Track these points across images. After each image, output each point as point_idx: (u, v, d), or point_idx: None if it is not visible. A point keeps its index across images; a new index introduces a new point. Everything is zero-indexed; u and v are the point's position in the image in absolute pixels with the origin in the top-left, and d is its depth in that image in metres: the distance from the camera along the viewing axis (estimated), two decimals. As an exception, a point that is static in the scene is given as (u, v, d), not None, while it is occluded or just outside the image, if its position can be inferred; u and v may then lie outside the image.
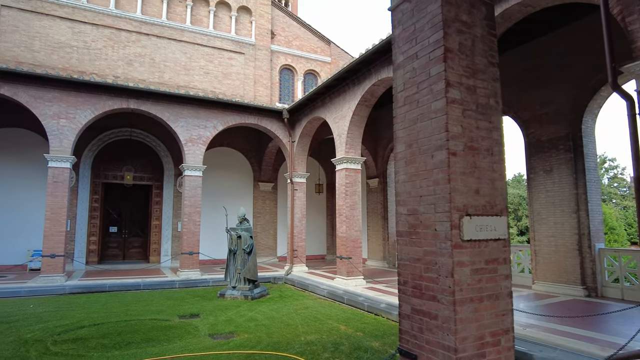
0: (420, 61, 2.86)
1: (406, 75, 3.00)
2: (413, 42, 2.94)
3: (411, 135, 2.91)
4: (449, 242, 2.56)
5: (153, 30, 16.46)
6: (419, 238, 2.75)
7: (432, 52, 2.74)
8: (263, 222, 17.37)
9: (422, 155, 2.78)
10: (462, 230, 2.58)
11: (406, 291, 2.84)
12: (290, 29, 19.54)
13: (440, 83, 2.68)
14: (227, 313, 8.47)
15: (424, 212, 2.72)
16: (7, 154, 13.59)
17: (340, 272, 11.09)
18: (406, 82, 3.00)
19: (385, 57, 9.65)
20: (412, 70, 2.94)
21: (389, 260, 15.47)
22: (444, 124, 2.64)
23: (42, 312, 8.42)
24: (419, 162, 2.79)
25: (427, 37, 2.79)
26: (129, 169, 15.26)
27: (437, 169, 2.66)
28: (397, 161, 3.04)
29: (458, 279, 2.51)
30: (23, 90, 10.91)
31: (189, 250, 12.39)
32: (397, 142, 3.04)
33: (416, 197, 2.80)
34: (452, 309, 2.49)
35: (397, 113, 3.07)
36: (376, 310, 8.66)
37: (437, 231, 2.65)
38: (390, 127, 15.27)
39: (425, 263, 2.69)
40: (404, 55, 3.04)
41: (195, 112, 12.90)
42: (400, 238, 2.94)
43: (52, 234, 10.88)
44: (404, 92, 3.02)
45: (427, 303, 2.68)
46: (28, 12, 14.64)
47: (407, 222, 2.88)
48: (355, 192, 11.07)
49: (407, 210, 2.89)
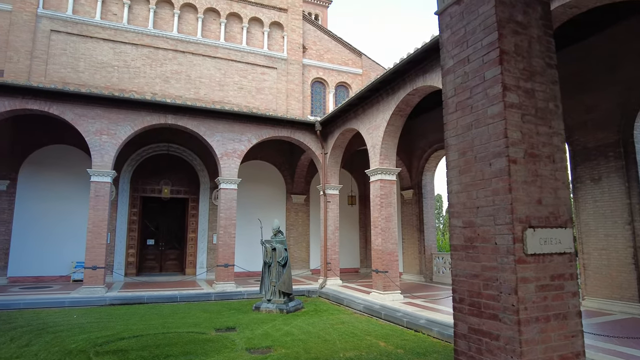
0: (473, 65, 2.72)
1: (457, 80, 2.87)
2: (464, 45, 2.81)
3: (465, 143, 2.75)
4: (511, 257, 2.37)
5: (189, 48, 16.98)
6: (476, 252, 2.58)
7: (486, 54, 2.60)
8: (296, 234, 17.34)
9: (478, 164, 2.62)
10: (525, 244, 2.39)
11: (462, 309, 2.66)
12: (322, 42, 19.70)
13: (497, 87, 2.53)
14: (263, 327, 8.39)
15: (481, 224, 2.55)
16: (53, 170, 14.23)
17: (376, 286, 10.83)
18: (457, 87, 2.86)
19: (420, 66, 9.50)
20: (464, 75, 2.81)
21: (425, 274, 15.03)
22: (502, 129, 2.48)
23: (84, 322, 8.62)
24: (475, 171, 2.63)
25: (480, 40, 2.66)
26: (166, 182, 15.65)
27: (496, 178, 2.49)
28: (450, 170, 2.88)
29: (522, 297, 2.31)
30: (69, 108, 11.42)
31: (224, 262, 12.47)
32: (449, 150, 2.90)
33: (472, 209, 2.64)
34: (517, 329, 2.29)
35: (448, 120, 2.93)
36: (416, 327, 8.36)
37: (497, 245, 2.47)
38: (425, 137, 14.99)
39: (484, 279, 2.51)
40: (453, 59, 2.91)
41: (230, 127, 13.11)
42: (455, 252, 2.77)
43: (94, 246, 11.22)
44: (455, 98, 2.88)
45: (486, 322, 2.49)
46: (75, 35, 15.44)
47: (462, 235, 2.71)
48: (391, 204, 10.85)
49: (462, 223, 2.72)
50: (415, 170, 15.52)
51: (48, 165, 14.21)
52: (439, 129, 14.35)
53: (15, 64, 14.43)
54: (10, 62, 14.42)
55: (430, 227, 15.35)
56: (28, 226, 13.71)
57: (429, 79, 9.38)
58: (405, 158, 15.55)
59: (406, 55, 9.44)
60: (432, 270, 15.08)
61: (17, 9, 14.79)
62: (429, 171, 15.43)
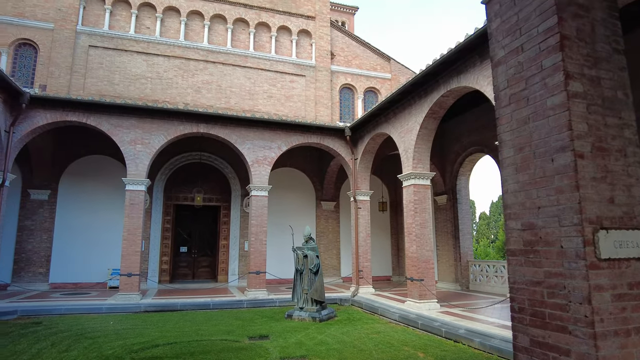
0: (528, 54, 2.50)
1: (510, 71, 2.65)
2: (516, 33, 2.60)
3: (521, 138, 2.53)
4: (581, 262, 2.12)
5: (219, 58, 17.26)
6: (538, 257, 2.34)
7: (544, 41, 2.38)
8: (326, 241, 17.16)
9: (538, 160, 2.39)
10: (597, 247, 2.14)
11: (523, 320, 2.42)
12: (350, 48, 19.61)
13: (558, 75, 2.30)
14: (296, 335, 8.23)
15: (543, 226, 2.31)
16: (90, 179, 14.68)
17: (411, 295, 10.49)
18: (510, 79, 2.65)
19: (454, 66, 9.21)
20: (518, 65, 2.59)
21: (461, 282, 14.50)
22: (565, 121, 2.25)
23: (120, 328, 8.72)
24: (535, 168, 2.40)
25: (536, 26, 2.44)
26: (198, 190, 15.85)
27: (560, 175, 2.25)
28: (505, 168, 2.66)
29: (597, 307, 2.06)
30: (105, 119, 11.75)
31: (256, 269, 12.43)
32: (503, 146, 2.67)
33: (532, 209, 2.40)
34: (592, 344, 2.03)
35: (501, 114, 2.71)
36: (455, 337, 7.99)
37: (563, 248, 2.23)
38: (458, 140, 14.56)
39: (549, 287, 2.26)
40: (504, 49, 2.70)
41: (260, 134, 13.15)
42: (513, 258, 2.53)
43: (129, 253, 11.42)
44: (508, 90, 2.66)
45: (552, 335, 2.24)
46: (111, 49, 15.99)
47: (521, 238, 2.48)
48: (425, 210, 10.52)
49: (520, 225, 2.49)
50: (449, 175, 15.07)
51: (86, 175, 14.67)
52: (473, 131, 13.91)
53: (56, 79, 15.05)
54: (52, 77, 15.05)
55: (465, 233, 14.84)
56: (67, 234, 14.16)
57: (463, 79, 9.08)
58: (438, 162, 15.15)
59: (439, 56, 9.17)
60: (468, 278, 14.54)
61: (59, 27, 15.47)
62: (463, 175, 14.96)
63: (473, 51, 8.66)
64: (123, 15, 16.48)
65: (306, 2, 19.04)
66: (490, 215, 45.09)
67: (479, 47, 8.50)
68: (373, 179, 16.41)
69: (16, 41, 15.33)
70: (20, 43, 15.45)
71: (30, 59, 15.51)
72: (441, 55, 9.11)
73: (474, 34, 8.18)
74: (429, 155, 10.78)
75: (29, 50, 15.53)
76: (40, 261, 13.85)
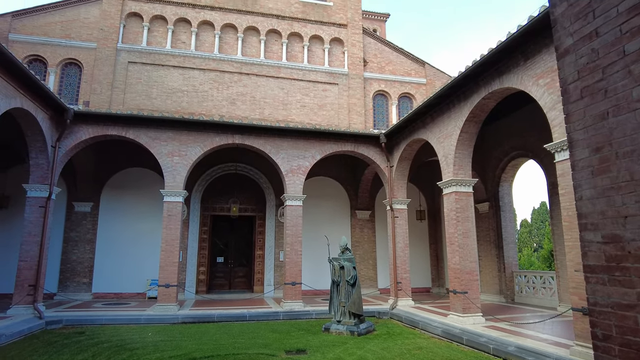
0: (605, 38, 2.17)
1: (581, 61, 2.32)
2: (588, 17, 2.27)
3: (598, 136, 2.19)
4: (687, 283, 1.75)
5: (252, 70, 17.42)
6: (626, 275, 1.98)
7: (626, 22, 2.04)
8: (362, 251, 16.77)
9: (621, 161, 2.04)
10: None
11: (609, 350, 2.05)
12: (382, 54, 19.32)
13: (646, 61, 1.95)
14: (334, 350, 7.93)
15: (633, 238, 1.96)
16: (130, 191, 15.07)
17: (454, 308, 9.95)
18: (581, 69, 2.31)
19: (495, 67, 8.76)
20: (591, 53, 2.25)
21: (506, 295, 13.73)
22: (658, 114, 1.90)
23: (158, 340, 8.72)
24: (618, 171, 2.06)
25: (615, 5, 2.11)
26: (234, 201, 15.93)
27: (654, 178, 1.90)
28: (577, 172, 2.31)
29: None
30: (144, 132, 12.01)
31: (291, 280, 12.24)
32: (575, 146, 2.33)
33: (617, 219, 2.05)
34: None
35: (571, 110, 2.37)
36: (505, 354, 7.44)
37: (661, 266, 1.86)
38: (500, 145, 13.89)
39: (643, 311, 1.90)
40: (573, 36, 2.37)
41: (294, 144, 13.06)
42: (592, 275, 2.17)
43: (167, 264, 11.52)
44: (579, 83, 2.33)
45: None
46: (149, 65, 16.48)
47: (602, 252, 2.12)
48: (468, 218, 9.99)
49: (601, 237, 2.13)
50: (491, 181, 14.39)
51: (125, 187, 15.07)
52: (515, 135, 13.23)
53: (98, 95, 15.64)
54: (95, 94, 15.65)
55: (510, 242, 14.07)
56: (109, 245, 14.55)
57: (506, 80, 8.60)
58: (478, 168, 14.49)
59: (479, 57, 8.75)
60: (513, 289, 13.76)
61: (101, 46, 16.11)
62: (505, 182, 14.24)
63: (516, 50, 8.21)
64: (160, 31, 16.98)
65: (338, 11, 18.97)
66: (532, 222, 43.03)
67: (521, 45, 8.05)
68: (409, 186, 15.92)
69: (63, 61, 16.08)
70: (66, 63, 16.20)
71: (75, 77, 16.21)
72: (481, 56, 8.68)
73: (517, 31, 7.74)
74: (470, 161, 10.28)
75: (74, 69, 16.25)
76: (84, 271, 14.27)
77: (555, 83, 7.40)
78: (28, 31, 15.87)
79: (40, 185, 11.01)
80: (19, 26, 15.82)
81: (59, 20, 16.19)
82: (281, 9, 18.22)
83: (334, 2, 19.00)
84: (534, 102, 10.40)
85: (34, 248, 10.72)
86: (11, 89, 9.08)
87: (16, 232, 12.92)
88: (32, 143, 10.81)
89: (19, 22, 15.86)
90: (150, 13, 16.86)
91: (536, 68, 7.81)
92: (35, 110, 10.16)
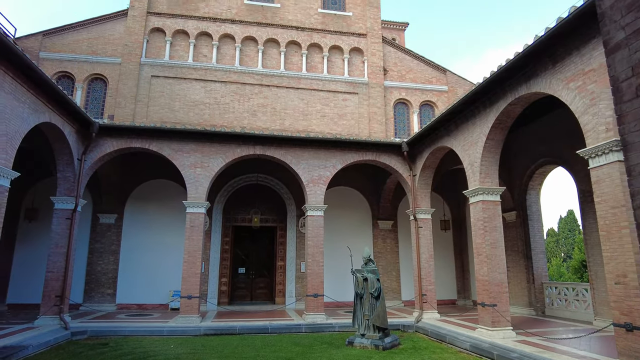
0: (661, 31, 1.99)
1: (635, 56, 2.13)
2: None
3: (658, 137, 2.00)
4: None
5: (273, 81, 17.52)
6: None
7: (688, 12, 1.86)
8: (384, 262, 16.46)
9: (688, 164, 1.85)
10: None
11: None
12: (403, 62, 19.17)
13: None
14: (359, 365, 7.69)
15: None
16: (152, 203, 15.24)
17: (483, 321, 9.57)
18: (636, 65, 2.13)
19: (522, 71, 8.50)
20: (646, 47, 2.07)
21: (536, 307, 13.19)
22: None
23: (181, 352, 8.65)
24: (684, 175, 1.86)
25: (672, -5, 1.93)
26: (256, 212, 15.93)
27: None
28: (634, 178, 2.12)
29: None
30: (167, 144, 12.15)
31: (313, 292, 12.06)
32: (630, 149, 2.14)
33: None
34: None
35: (624, 110, 2.18)
36: (540, 373, 7.06)
37: None
38: (527, 152, 13.49)
39: None
40: (625, 30, 2.19)
41: (315, 154, 12.98)
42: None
43: (189, 275, 11.51)
44: (633, 80, 2.14)
45: None
46: (171, 78, 16.79)
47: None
48: (496, 228, 9.65)
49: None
50: (518, 190, 13.95)
51: (149, 198, 15.26)
52: (543, 142, 12.82)
53: (122, 109, 15.98)
54: (119, 107, 16.00)
55: (539, 252, 13.56)
56: (132, 256, 14.70)
57: (534, 85, 8.33)
58: (504, 176, 14.06)
59: (505, 62, 8.51)
60: (543, 302, 13.21)
61: (125, 61, 16.51)
62: (533, 190, 13.78)
63: (543, 54, 7.95)
64: (182, 45, 17.30)
65: (357, 21, 18.98)
66: (559, 231, 41.59)
67: (549, 49, 7.79)
68: (433, 196, 15.61)
69: (90, 76, 16.54)
70: (93, 78, 16.65)
71: (101, 91, 16.63)
72: (507, 61, 8.44)
73: (544, 34, 7.49)
74: (497, 168, 9.96)
75: (99, 84, 16.68)
76: (108, 282, 14.44)
77: (587, 86, 7.10)
78: (57, 49, 16.41)
79: (66, 198, 11.23)
80: (48, 44, 16.38)
81: (85, 38, 16.70)
82: (301, 20, 18.35)
83: (353, 13, 19.03)
84: (561, 107, 10.08)
85: (60, 259, 10.90)
86: (40, 104, 9.32)
87: (45, 244, 13.19)
88: (60, 156, 11.06)
89: (48, 40, 16.43)
90: (172, 28, 17.22)
91: (566, 71, 7.53)
92: (62, 125, 10.40)
